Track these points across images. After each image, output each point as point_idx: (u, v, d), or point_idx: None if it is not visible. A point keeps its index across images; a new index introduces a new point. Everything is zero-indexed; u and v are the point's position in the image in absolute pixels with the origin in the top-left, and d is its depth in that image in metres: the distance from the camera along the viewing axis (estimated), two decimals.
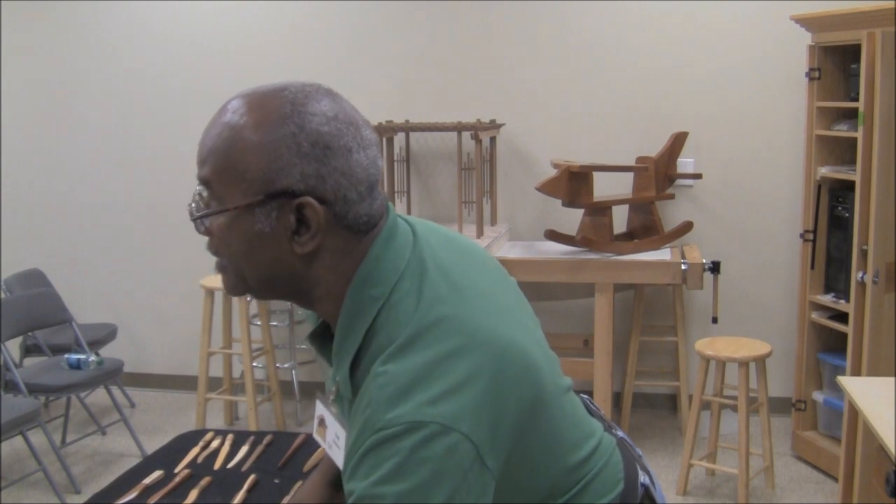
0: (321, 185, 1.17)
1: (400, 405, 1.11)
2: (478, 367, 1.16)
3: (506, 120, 5.04)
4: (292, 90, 1.20)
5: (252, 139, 1.17)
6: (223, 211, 1.19)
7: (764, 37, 4.77)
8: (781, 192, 4.87)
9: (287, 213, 1.18)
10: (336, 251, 1.22)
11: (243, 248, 1.20)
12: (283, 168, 1.16)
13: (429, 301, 1.21)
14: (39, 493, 4.21)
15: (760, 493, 4.11)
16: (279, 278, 1.23)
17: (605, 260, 4.44)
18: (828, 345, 4.35)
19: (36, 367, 4.59)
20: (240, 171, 1.17)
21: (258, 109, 1.19)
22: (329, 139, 1.17)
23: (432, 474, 1.08)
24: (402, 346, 1.16)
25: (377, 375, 1.15)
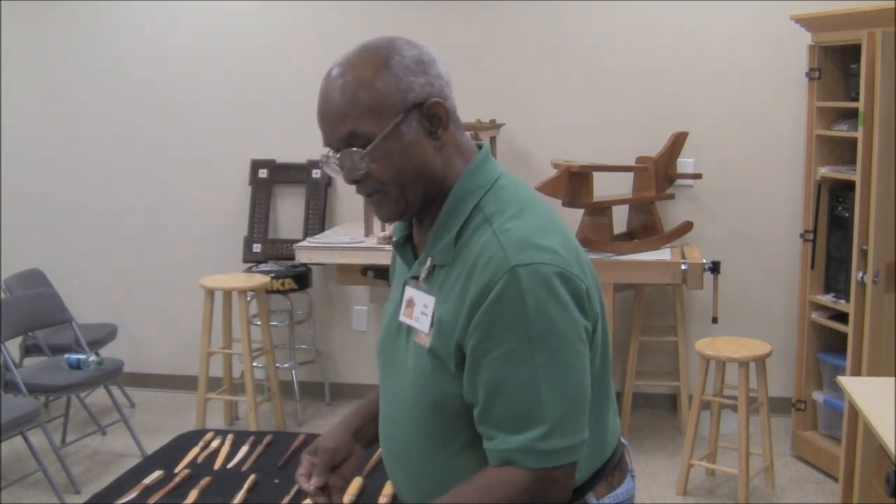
0: (434, 89, 1.49)
1: (528, 250, 1.40)
2: (570, 238, 1.51)
3: (506, 120, 5.04)
4: (372, 42, 1.50)
5: (376, 79, 1.45)
6: (380, 139, 1.44)
7: (764, 37, 4.77)
8: (781, 192, 4.87)
9: (422, 119, 1.48)
10: (451, 145, 1.53)
11: (402, 161, 1.47)
12: (407, 87, 1.46)
13: (524, 194, 1.53)
14: (39, 493, 4.21)
15: (760, 493, 4.10)
16: (428, 179, 1.50)
17: (605, 260, 4.44)
18: (828, 345, 4.35)
19: (36, 367, 4.59)
20: (379, 106, 1.44)
21: (363, 61, 1.47)
22: (420, 57, 1.50)
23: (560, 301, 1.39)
24: (517, 213, 1.47)
25: (504, 231, 1.43)
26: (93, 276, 5.73)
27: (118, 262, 5.72)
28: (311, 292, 5.35)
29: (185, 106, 5.47)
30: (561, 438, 1.39)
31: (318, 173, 5.31)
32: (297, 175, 5.37)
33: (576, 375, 1.41)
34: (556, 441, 1.39)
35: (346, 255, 4.66)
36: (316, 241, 4.81)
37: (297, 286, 5.06)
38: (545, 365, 1.38)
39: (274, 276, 4.99)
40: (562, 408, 1.39)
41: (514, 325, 1.37)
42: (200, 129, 5.47)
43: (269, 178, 5.41)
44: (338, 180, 5.31)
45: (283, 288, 5.02)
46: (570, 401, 1.40)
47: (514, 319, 1.37)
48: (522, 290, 1.37)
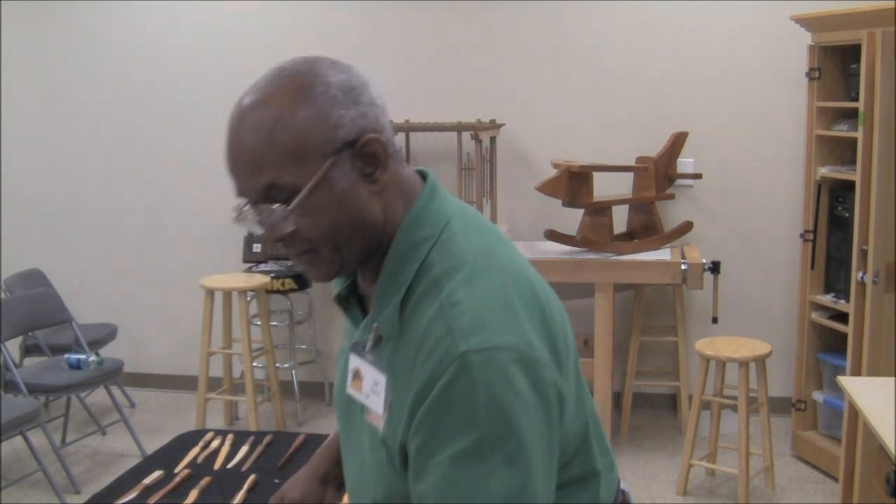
0: (366, 122, 1.22)
1: (480, 333, 1.15)
2: (535, 298, 1.25)
3: (506, 120, 5.04)
4: (290, 65, 1.25)
5: (297, 115, 1.19)
6: (308, 192, 1.20)
7: (764, 37, 4.77)
8: (781, 192, 4.87)
9: (355, 160, 1.22)
10: (392, 186, 1.27)
11: (334, 214, 1.22)
12: (336, 123, 1.20)
13: (478, 242, 1.27)
14: (39, 493, 4.21)
15: (760, 493, 4.11)
16: (366, 231, 1.26)
17: (605, 260, 4.44)
18: (828, 345, 4.35)
19: (36, 367, 4.59)
20: (302, 149, 1.19)
21: (280, 92, 1.21)
22: (350, 82, 1.23)
23: (519, 394, 1.15)
24: (468, 276, 1.21)
25: (452, 305, 1.18)
26: (93, 276, 5.74)
27: (118, 262, 5.72)
28: (311, 292, 5.35)
29: (185, 106, 5.47)
30: None
31: None
32: None
33: (535, 481, 1.17)
34: None
35: None
36: None
37: (297, 286, 5.06)
38: (499, 470, 1.14)
39: (274, 276, 4.99)
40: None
41: (463, 424, 1.13)
42: (200, 128, 5.47)
43: None
44: None
45: (283, 288, 5.02)
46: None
47: (464, 417, 1.13)
48: (473, 383, 1.13)
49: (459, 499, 1.15)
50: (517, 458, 1.15)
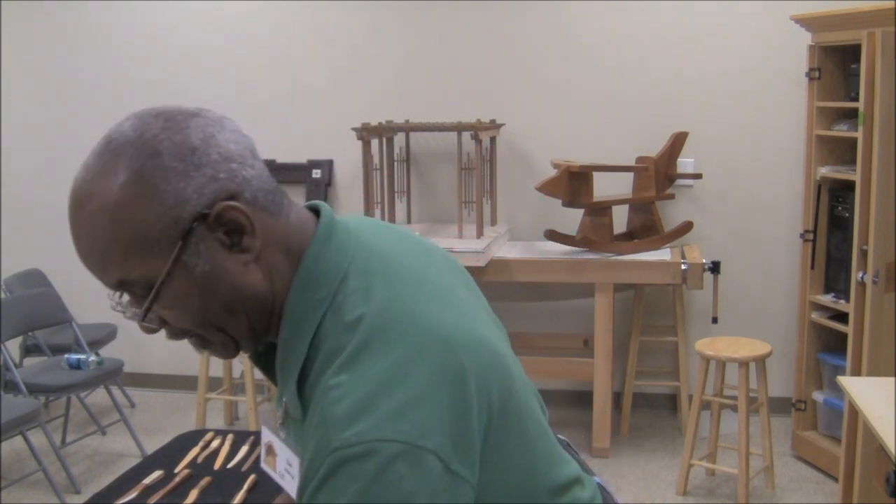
0: (218, 185, 1.06)
1: (358, 422, 0.99)
2: (440, 368, 1.05)
3: (506, 120, 5.04)
4: (117, 136, 1.08)
5: (126, 205, 1.03)
6: (161, 286, 1.06)
7: (764, 37, 4.77)
8: (781, 192, 4.87)
9: (212, 234, 1.06)
10: (270, 245, 1.11)
11: (201, 302, 1.08)
12: (176, 201, 1.04)
13: (380, 300, 1.09)
14: (39, 493, 4.21)
15: (760, 493, 4.11)
16: (247, 306, 1.11)
17: (605, 260, 4.44)
18: (828, 345, 4.35)
19: (36, 367, 4.59)
20: (143, 241, 1.04)
21: (108, 177, 1.04)
22: (188, 142, 1.07)
23: (400, 499, 0.97)
24: (354, 353, 1.04)
25: (329, 389, 1.03)
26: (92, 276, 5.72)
27: None
28: None
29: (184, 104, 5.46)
30: None
31: (318, 173, 5.31)
32: (297, 175, 5.37)
33: None
34: None
35: None
36: None
37: None
38: None
39: None
40: None
41: None
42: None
43: None
44: (338, 179, 5.33)
45: None
46: None
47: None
48: (342, 485, 0.97)
49: None
50: None
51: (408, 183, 5.13)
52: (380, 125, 4.77)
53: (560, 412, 5.08)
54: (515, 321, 5.16)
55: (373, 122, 5.00)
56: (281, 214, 1.12)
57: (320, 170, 5.30)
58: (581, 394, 5.05)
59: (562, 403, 5.18)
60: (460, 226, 4.62)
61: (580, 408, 5.03)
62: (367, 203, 4.57)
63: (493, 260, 4.48)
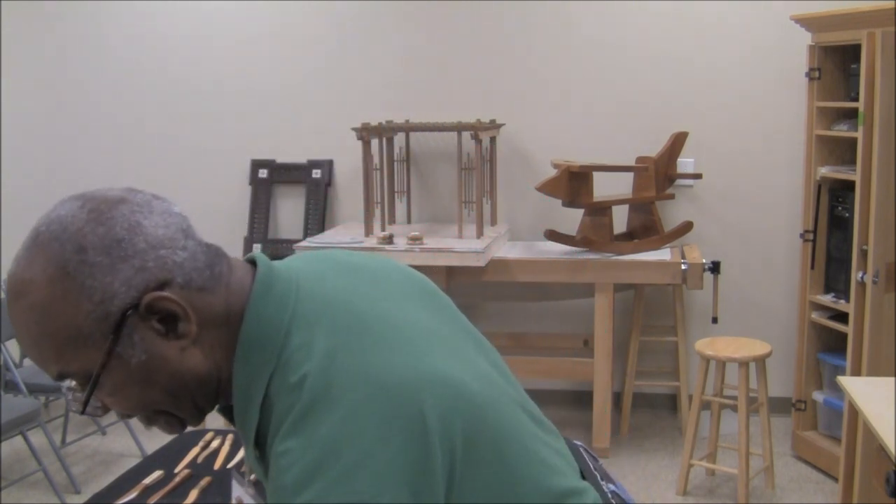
0: (147, 275, 1.05)
1: (308, 489, 0.97)
2: (392, 415, 1.01)
3: (506, 120, 5.04)
4: (43, 229, 1.06)
5: (54, 303, 1.03)
6: (97, 379, 1.06)
7: (764, 37, 4.78)
8: (781, 192, 4.87)
9: (146, 324, 1.06)
10: (210, 323, 1.09)
11: (140, 390, 1.08)
12: (104, 296, 1.03)
13: (323, 354, 1.06)
14: (39, 493, 4.21)
15: (760, 493, 4.11)
16: (190, 389, 1.10)
17: (605, 260, 4.44)
18: (828, 345, 4.35)
19: (36, 368, 4.58)
20: (75, 337, 1.04)
21: (35, 275, 1.04)
22: (112, 232, 1.04)
23: None
24: (300, 416, 1.02)
25: (279, 456, 1.01)
26: None
27: None
28: None
29: (185, 106, 5.47)
30: None
31: (318, 173, 5.31)
32: (296, 175, 5.37)
33: None
34: None
35: None
36: (316, 242, 4.81)
37: None
38: None
39: None
40: None
41: None
42: (200, 129, 5.47)
43: (269, 178, 5.41)
44: (338, 179, 5.33)
45: None
46: None
47: None
48: None
49: None
50: None
51: (408, 183, 5.13)
52: (380, 125, 4.77)
53: (560, 412, 5.07)
54: (515, 321, 5.16)
55: (373, 122, 5.00)
56: (218, 287, 1.11)
57: (320, 170, 5.30)
58: (581, 394, 5.05)
59: (562, 403, 5.18)
60: (460, 226, 4.62)
61: (580, 408, 5.03)
62: (367, 203, 4.57)
63: (493, 260, 4.48)
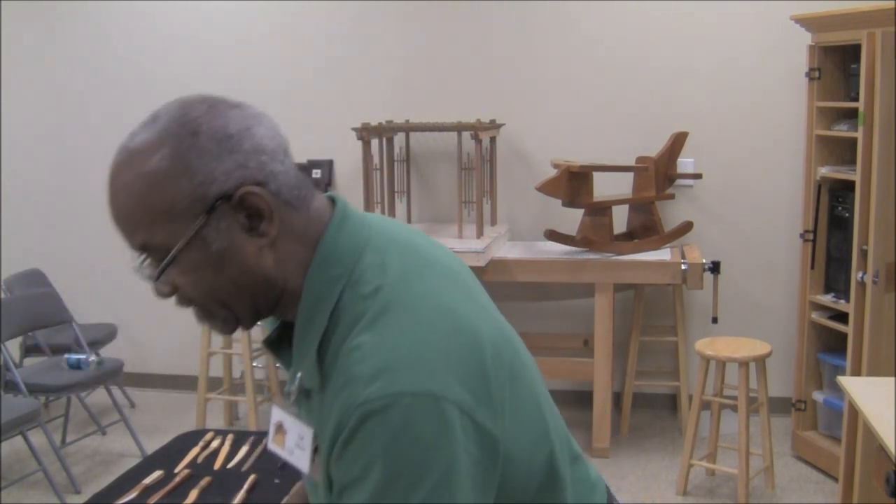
0: (246, 172, 1.14)
1: (381, 378, 1.06)
2: (456, 331, 1.13)
3: (506, 120, 5.04)
4: (164, 113, 1.18)
5: (160, 175, 1.12)
6: (178, 253, 1.14)
7: (764, 37, 4.78)
8: (781, 192, 4.87)
9: (234, 215, 1.14)
10: (288, 235, 1.18)
11: (213, 275, 1.15)
12: (207, 179, 1.12)
13: (395, 272, 1.17)
14: (39, 493, 4.21)
15: (760, 493, 4.11)
16: (256, 288, 1.18)
17: (605, 260, 4.44)
18: (828, 345, 4.35)
19: (36, 367, 4.59)
20: (169, 210, 1.12)
21: (147, 148, 1.14)
22: (227, 129, 1.14)
23: (426, 449, 1.04)
24: (374, 318, 1.12)
25: (352, 350, 1.10)
26: (93, 276, 5.73)
27: (118, 262, 5.71)
28: None
29: None
30: None
31: (318, 173, 5.31)
32: None
33: None
34: None
35: None
36: None
37: None
38: None
39: None
40: None
41: (362, 482, 1.06)
42: None
43: None
44: (338, 179, 5.33)
45: None
46: None
47: (363, 474, 1.05)
48: (371, 437, 1.05)
49: None
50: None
51: (408, 183, 5.13)
52: (380, 125, 4.77)
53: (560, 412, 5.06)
54: (515, 321, 5.13)
55: (373, 122, 5.00)
56: (302, 208, 1.20)
57: (320, 170, 5.30)
58: (581, 394, 5.04)
59: (562, 403, 5.15)
60: (460, 226, 4.62)
61: (580, 408, 5.03)
62: (367, 203, 4.57)
63: (493, 260, 4.48)
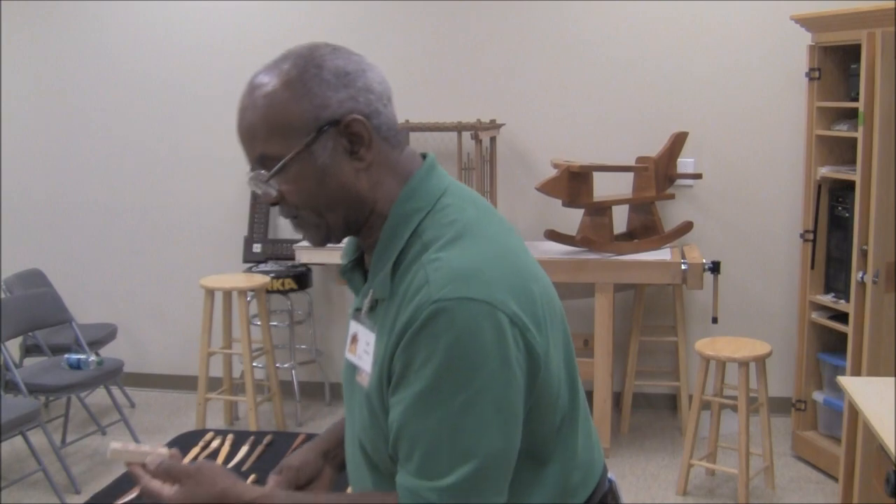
0: (355, 104, 1.34)
1: (454, 283, 1.26)
2: (517, 265, 1.35)
3: (506, 120, 5.04)
4: (293, 50, 1.38)
5: (285, 94, 1.33)
6: (287, 161, 1.34)
7: (764, 37, 4.78)
8: (781, 192, 4.87)
9: (339, 138, 1.34)
10: (382, 165, 1.39)
11: (314, 186, 1.36)
12: (321, 103, 1.33)
13: (470, 213, 1.38)
14: (39, 493, 4.21)
15: (760, 492, 4.11)
16: (349, 204, 1.38)
17: (605, 260, 4.44)
18: (828, 345, 4.35)
19: (36, 367, 4.59)
20: (287, 125, 1.33)
21: (275, 74, 1.35)
22: (345, 68, 1.35)
23: (481, 349, 1.24)
24: (453, 239, 1.33)
25: (431, 261, 1.30)
26: (93, 276, 5.73)
27: (118, 262, 5.72)
28: (311, 292, 5.35)
29: (185, 105, 5.47)
30: (458, 498, 1.26)
31: None
32: None
33: (489, 435, 1.26)
34: (451, 498, 1.26)
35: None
36: None
37: (297, 286, 5.06)
38: (454, 418, 1.25)
39: (274, 276, 4.99)
40: (467, 467, 1.25)
41: (425, 367, 1.25)
42: (200, 128, 5.47)
43: None
44: None
45: (283, 288, 5.02)
46: (478, 462, 1.25)
47: (427, 360, 1.25)
48: (442, 329, 1.24)
49: (414, 437, 1.27)
50: (474, 408, 1.25)
51: None
52: None
53: None
54: None
55: None
56: (397, 147, 1.41)
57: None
58: None
59: None
60: None
61: None
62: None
63: None
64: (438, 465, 1.26)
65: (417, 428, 1.27)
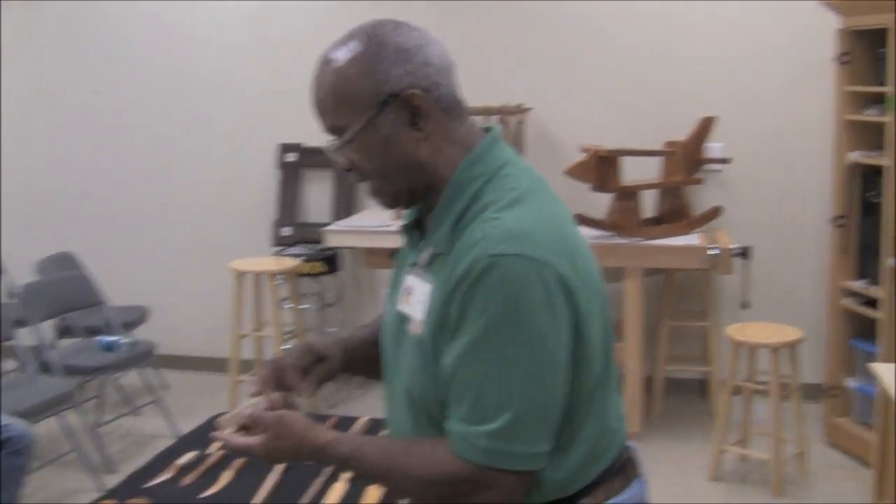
0: (415, 79, 1.44)
1: (509, 240, 1.36)
2: (569, 236, 1.46)
3: (534, 104, 5.03)
4: (357, 28, 1.48)
5: (349, 71, 1.44)
6: (354, 133, 1.45)
7: (792, 20, 4.73)
8: (810, 178, 4.83)
9: (400, 111, 1.44)
10: (442, 135, 1.48)
11: (379, 155, 1.46)
12: (383, 78, 1.42)
13: (528, 183, 1.49)
14: (75, 473, 4.27)
15: (793, 479, 4.09)
16: (412, 171, 1.48)
17: (633, 245, 4.43)
18: (860, 331, 4.31)
19: (70, 349, 4.64)
20: (352, 99, 1.44)
21: (342, 51, 1.46)
22: (405, 44, 1.45)
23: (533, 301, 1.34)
24: (511, 203, 1.42)
25: (490, 219, 1.40)
26: (124, 259, 5.79)
27: (149, 245, 5.78)
28: (341, 275, 5.38)
29: (214, 90, 5.50)
30: (505, 443, 1.36)
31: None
32: (324, 159, 5.30)
33: (536, 383, 1.36)
34: (498, 443, 1.36)
35: (376, 238, 4.69)
36: (344, 225, 4.83)
37: (327, 269, 5.08)
38: (503, 366, 1.35)
39: (304, 260, 5.01)
40: (514, 413, 1.35)
41: (478, 317, 1.35)
42: (229, 113, 5.50)
43: (297, 162, 5.44)
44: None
45: (312, 271, 5.05)
46: (525, 408, 1.36)
47: (481, 311, 1.35)
48: (496, 281, 1.34)
49: (465, 383, 1.37)
50: (523, 358, 1.35)
51: None
52: None
53: None
54: None
55: None
56: (458, 118, 1.51)
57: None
58: None
59: None
60: None
61: None
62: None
63: None
64: (485, 410, 1.35)
65: (468, 374, 1.37)
